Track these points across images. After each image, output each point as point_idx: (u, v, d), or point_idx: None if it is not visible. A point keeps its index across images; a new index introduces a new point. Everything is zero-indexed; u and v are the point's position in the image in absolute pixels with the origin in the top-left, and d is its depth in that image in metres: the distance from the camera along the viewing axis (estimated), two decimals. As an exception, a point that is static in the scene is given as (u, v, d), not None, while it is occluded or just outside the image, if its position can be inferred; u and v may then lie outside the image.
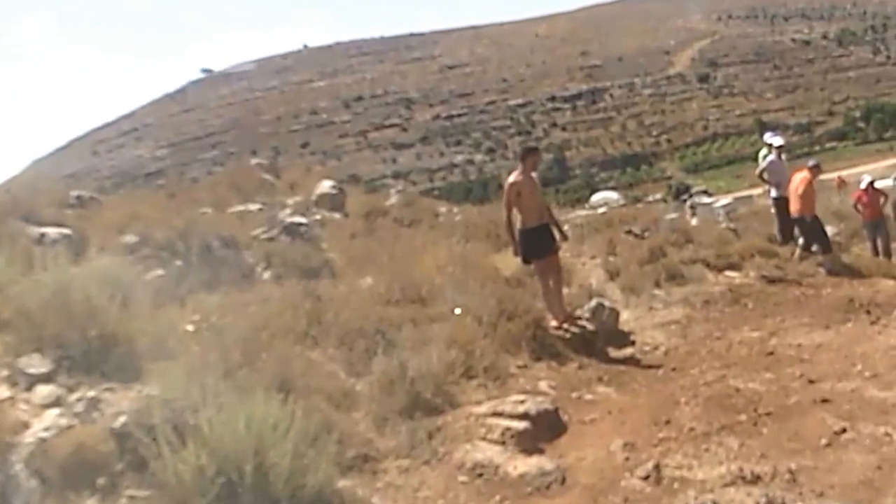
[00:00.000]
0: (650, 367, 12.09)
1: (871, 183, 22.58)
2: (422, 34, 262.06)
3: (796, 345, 12.21)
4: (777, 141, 21.24)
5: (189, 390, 7.18)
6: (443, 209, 24.62)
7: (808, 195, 19.16)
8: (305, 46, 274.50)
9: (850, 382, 10.09)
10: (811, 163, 20.17)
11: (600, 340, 13.14)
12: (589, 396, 10.77)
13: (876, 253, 21.61)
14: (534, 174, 14.01)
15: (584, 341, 12.90)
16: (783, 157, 21.01)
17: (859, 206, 22.28)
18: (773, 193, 20.87)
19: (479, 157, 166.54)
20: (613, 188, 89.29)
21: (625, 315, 14.60)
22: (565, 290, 14.57)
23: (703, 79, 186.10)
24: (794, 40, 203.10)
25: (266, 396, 7.05)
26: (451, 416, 9.26)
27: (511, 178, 13.67)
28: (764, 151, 21.60)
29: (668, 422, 9.30)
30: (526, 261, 13.87)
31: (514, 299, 12.74)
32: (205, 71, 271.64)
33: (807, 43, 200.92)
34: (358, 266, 15.65)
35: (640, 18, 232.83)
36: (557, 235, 14.19)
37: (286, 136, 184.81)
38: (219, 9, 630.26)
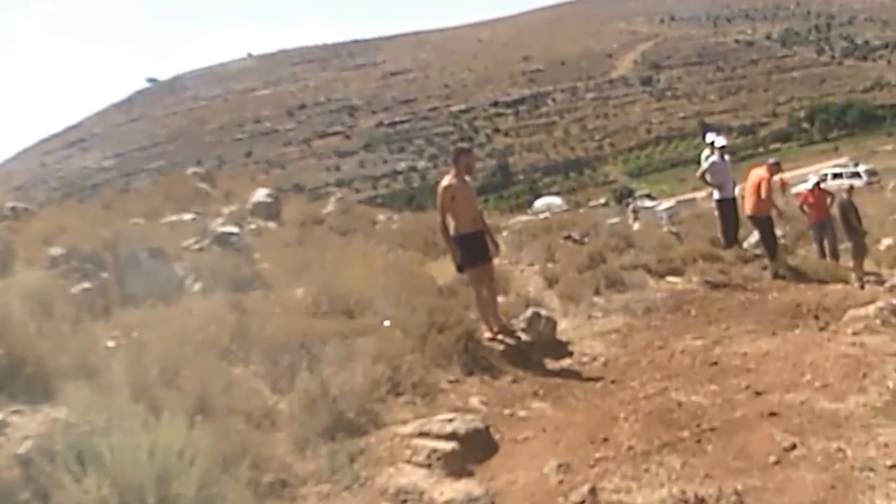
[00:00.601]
0: (588, 379, 11.72)
1: (818, 183, 22.35)
2: (365, 41, 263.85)
3: (742, 353, 11.90)
4: (720, 141, 20.88)
5: (96, 413, 6.83)
6: (382, 217, 24.39)
7: (764, 194, 19.08)
8: (249, 54, 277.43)
9: (800, 394, 9.76)
10: (771, 160, 20.16)
11: (536, 352, 12.79)
12: (523, 413, 10.40)
13: (823, 255, 21.51)
14: (468, 177, 13.54)
15: (519, 353, 12.56)
16: (726, 157, 20.61)
17: (805, 208, 22.02)
18: (716, 195, 20.54)
19: (422, 164, 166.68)
20: (557, 193, 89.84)
21: (563, 324, 14.31)
22: (502, 299, 14.32)
23: (646, 81, 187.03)
24: (737, 41, 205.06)
25: (172, 420, 6.65)
26: (376, 436, 8.88)
27: (444, 182, 13.23)
28: (706, 152, 21.24)
29: (605, 440, 8.87)
30: (460, 269, 13.36)
31: (445, 310, 12.32)
32: (150, 80, 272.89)
33: (750, 44, 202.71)
34: (290, 277, 15.33)
35: (582, 22, 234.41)
36: (491, 244, 13.69)
37: (230, 145, 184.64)
38: (165, 18, 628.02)
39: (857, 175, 53.57)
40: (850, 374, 10.16)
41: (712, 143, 20.98)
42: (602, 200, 68.57)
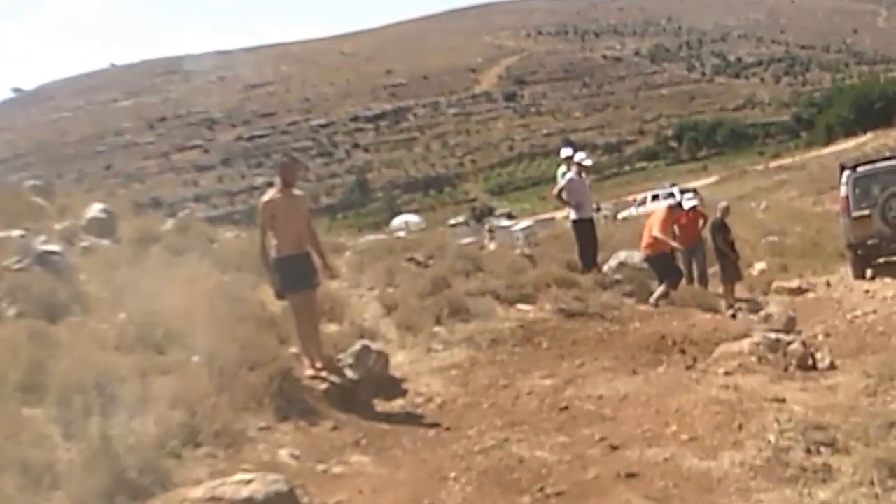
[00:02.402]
0: (421, 425, 10.94)
1: (693, 207, 21.58)
2: (228, 52, 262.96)
3: (596, 396, 11.19)
4: (579, 156, 20.04)
5: None
6: (230, 234, 23.47)
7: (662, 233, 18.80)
8: (113, 65, 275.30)
9: (663, 449, 9.09)
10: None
11: (365, 391, 11.90)
12: (339, 468, 9.45)
13: (691, 280, 20.95)
14: (298, 192, 12.78)
15: (344, 393, 11.62)
16: (584, 175, 19.87)
17: (675, 228, 21.08)
18: (574, 215, 19.81)
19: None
20: (415, 211, 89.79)
21: (399, 357, 13.51)
22: (335, 327, 14.10)
23: (510, 97, 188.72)
24: (605, 57, 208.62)
25: None
26: (161, 500, 7.92)
27: (265, 197, 12.45)
28: (562, 168, 20.55)
29: (429, 506, 7.96)
30: (280, 295, 12.38)
31: (259, 344, 11.47)
32: (15, 90, 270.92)
33: (618, 59, 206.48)
34: (115, 301, 14.25)
35: (447, 35, 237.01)
36: (321, 267, 12.77)
37: (91, 157, 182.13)
38: (30, 26, 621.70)
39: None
40: (723, 425, 9.52)
41: (569, 159, 20.14)
42: (461, 219, 68.95)
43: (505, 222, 36.87)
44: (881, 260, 22.05)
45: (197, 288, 14.32)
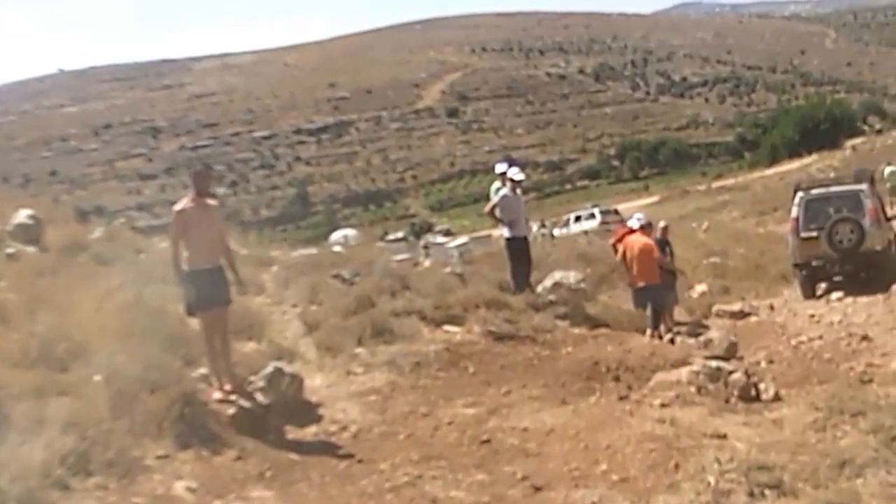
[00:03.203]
0: (333, 455, 10.30)
1: (643, 226, 20.88)
2: (174, 60, 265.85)
3: (521, 429, 10.70)
4: (513, 172, 19.26)
5: None
6: (164, 244, 22.93)
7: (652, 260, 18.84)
8: (61, 70, 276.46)
9: (591, 490, 8.66)
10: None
11: (276, 417, 11.22)
12: None
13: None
14: (211, 202, 12.13)
15: (253, 418, 10.95)
16: (519, 192, 19.33)
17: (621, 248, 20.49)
18: (506, 233, 19.23)
19: (221, 191, 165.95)
20: (355, 226, 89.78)
21: (317, 380, 12.91)
22: (254, 345, 13.58)
23: (453, 113, 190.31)
24: (549, 74, 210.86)
25: None
26: None
27: (177, 206, 11.82)
28: (496, 184, 20.02)
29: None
30: (189, 312, 11.77)
31: (162, 364, 10.79)
32: None
33: (562, 77, 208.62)
34: (35, 310, 13.29)
35: (391, 49, 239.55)
36: (234, 283, 12.10)
37: (37, 162, 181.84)
38: None
39: (592, 217, 56.33)
40: (658, 464, 9.13)
41: (503, 175, 19.52)
42: (400, 234, 69.06)
43: (440, 239, 36.47)
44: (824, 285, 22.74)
45: (115, 300, 13.78)
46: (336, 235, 33.83)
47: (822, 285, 23.04)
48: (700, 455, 8.97)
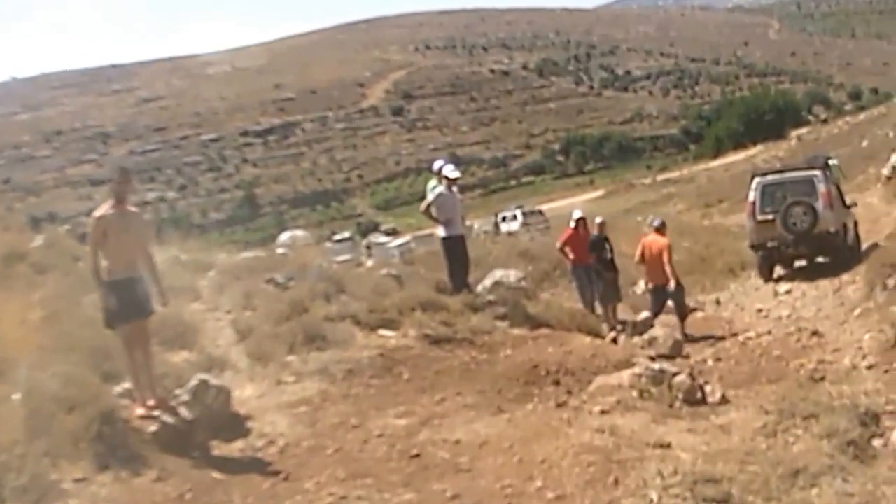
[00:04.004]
0: (258, 472, 9.87)
1: (582, 220, 20.31)
2: (123, 65, 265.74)
3: (453, 441, 10.27)
4: (448, 170, 18.61)
5: None
6: None
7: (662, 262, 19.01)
8: (14, 78, 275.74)
9: None
10: (657, 222, 20.11)
11: (201, 432, 10.75)
12: None
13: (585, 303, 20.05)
14: (132, 208, 11.54)
15: (177, 435, 10.45)
16: (455, 189, 18.74)
17: (567, 248, 19.88)
18: (442, 233, 18.60)
19: (171, 195, 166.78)
20: (303, 226, 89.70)
21: (247, 391, 12.42)
22: (186, 355, 13.16)
23: (397, 112, 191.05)
24: (492, 71, 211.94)
25: None
26: None
27: (97, 212, 11.19)
28: (433, 183, 19.37)
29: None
30: (109, 324, 11.14)
31: (81, 380, 10.26)
32: None
33: (506, 73, 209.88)
34: None
35: (335, 49, 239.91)
36: (155, 295, 11.49)
37: None
38: None
39: (514, 218, 57.60)
40: (597, 479, 8.59)
41: (439, 172, 18.89)
42: (346, 234, 69.27)
43: (382, 239, 36.14)
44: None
45: (41, 312, 13.50)
46: (284, 237, 33.63)
47: (780, 270, 23.86)
48: (642, 468, 8.42)
